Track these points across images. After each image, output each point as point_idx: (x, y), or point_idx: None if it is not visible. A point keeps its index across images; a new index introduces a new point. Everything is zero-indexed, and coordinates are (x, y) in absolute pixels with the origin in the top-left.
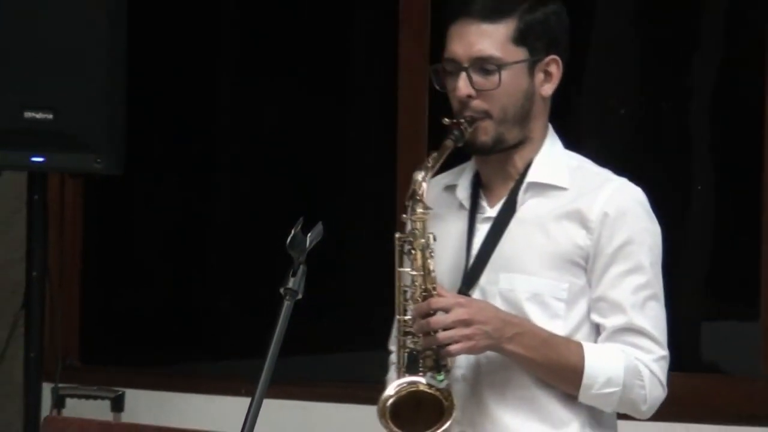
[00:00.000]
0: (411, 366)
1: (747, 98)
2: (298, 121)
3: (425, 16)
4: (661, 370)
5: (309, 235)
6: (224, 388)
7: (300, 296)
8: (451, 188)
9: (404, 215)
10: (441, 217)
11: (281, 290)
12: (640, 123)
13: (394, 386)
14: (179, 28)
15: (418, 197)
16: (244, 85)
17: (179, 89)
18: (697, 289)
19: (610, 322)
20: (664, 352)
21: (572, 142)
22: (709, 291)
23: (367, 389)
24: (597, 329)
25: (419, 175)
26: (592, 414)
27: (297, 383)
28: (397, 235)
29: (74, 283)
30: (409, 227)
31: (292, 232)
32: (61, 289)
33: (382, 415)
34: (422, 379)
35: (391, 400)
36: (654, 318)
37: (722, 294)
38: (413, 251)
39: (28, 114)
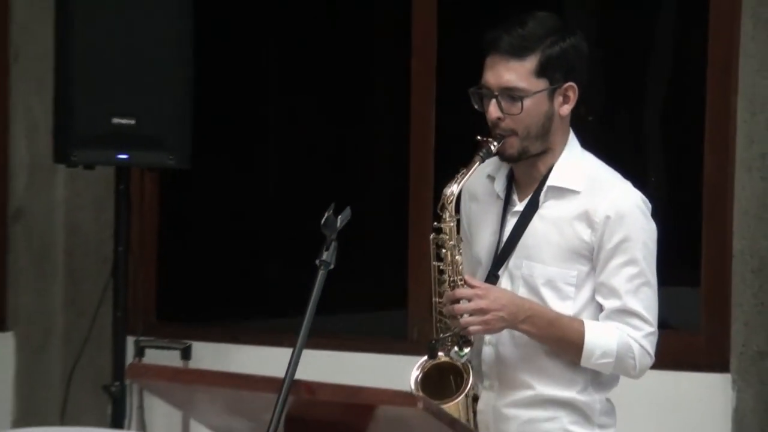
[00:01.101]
0: (431, 354)
1: (690, 107)
2: (331, 128)
3: (433, 47)
4: (649, 343)
5: (339, 216)
6: (272, 340)
7: (332, 266)
8: (491, 178)
9: (435, 223)
10: (482, 201)
11: (317, 261)
12: (605, 127)
13: (420, 365)
14: (232, 44)
15: (447, 207)
16: (286, 94)
17: (234, 97)
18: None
19: (608, 304)
20: (653, 329)
21: None
22: (661, 263)
23: (383, 341)
24: (599, 309)
25: (448, 190)
26: (595, 375)
27: (328, 336)
28: (432, 236)
29: (151, 256)
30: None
31: (326, 214)
32: (141, 261)
33: (415, 386)
34: (443, 355)
35: (419, 374)
36: (645, 301)
37: (671, 265)
38: (444, 250)
39: (114, 120)
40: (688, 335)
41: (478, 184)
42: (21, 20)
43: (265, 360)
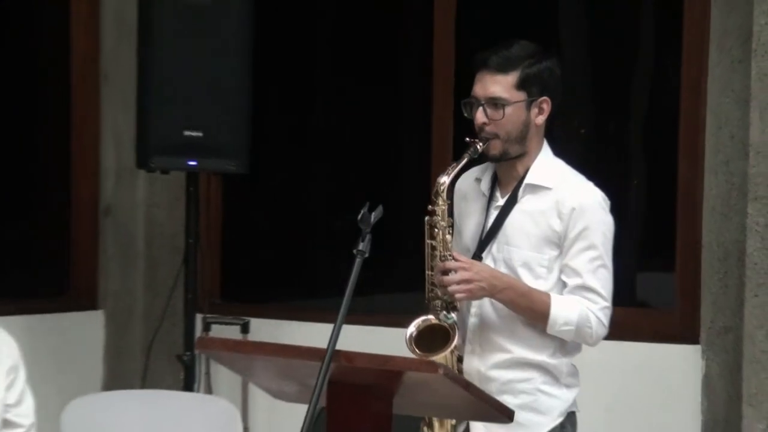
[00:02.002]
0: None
1: (666, 121)
2: (367, 133)
3: (451, 66)
4: (604, 316)
5: (373, 213)
6: (316, 317)
7: (366, 255)
8: (478, 180)
9: (430, 205)
10: (470, 199)
11: (354, 251)
12: (595, 138)
13: (414, 323)
14: (283, 65)
15: (440, 193)
16: (328, 111)
17: (285, 109)
18: (634, 251)
19: (571, 281)
20: (607, 304)
21: (555, 150)
22: (642, 252)
23: (410, 318)
24: (564, 286)
25: (441, 179)
26: (561, 343)
27: (364, 313)
28: (426, 218)
29: (216, 246)
30: (435, 213)
31: (362, 211)
32: (207, 251)
33: (408, 343)
34: (432, 317)
35: (414, 330)
36: (602, 280)
37: (651, 254)
38: (436, 230)
39: (186, 133)
40: (665, 313)
41: (467, 186)
42: (109, 47)
43: (311, 333)
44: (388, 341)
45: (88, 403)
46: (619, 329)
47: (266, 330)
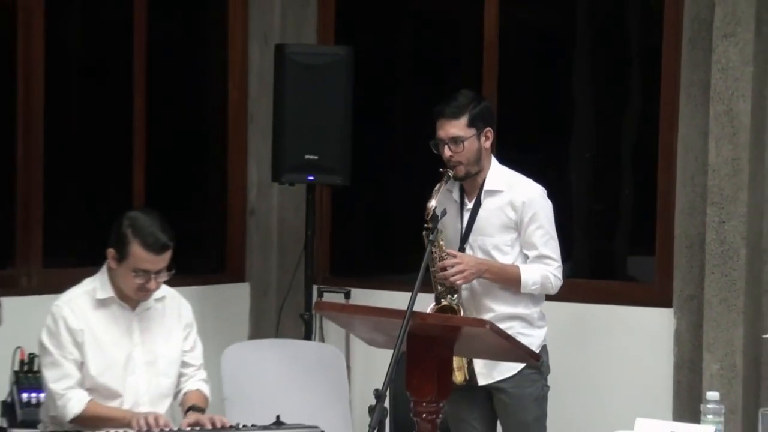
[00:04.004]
0: (438, 299)
1: (649, 147)
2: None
3: (494, 99)
4: (559, 272)
5: (440, 215)
6: (399, 287)
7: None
8: (450, 191)
9: (425, 224)
10: (448, 206)
11: (427, 241)
12: (596, 159)
13: (429, 309)
14: (372, 102)
15: (430, 215)
16: (407, 138)
17: (373, 140)
18: (626, 241)
19: (531, 253)
20: (558, 264)
21: (565, 169)
22: (632, 242)
23: None
24: (526, 257)
25: (429, 204)
26: (531, 298)
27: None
28: (424, 233)
29: (327, 237)
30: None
31: (431, 213)
32: (321, 240)
33: None
34: (444, 300)
35: (433, 311)
36: (552, 248)
37: (638, 243)
38: (434, 239)
39: (306, 156)
40: (647, 285)
41: (445, 197)
42: (254, 96)
43: (395, 299)
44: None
45: (239, 349)
46: (614, 297)
47: (362, 296)
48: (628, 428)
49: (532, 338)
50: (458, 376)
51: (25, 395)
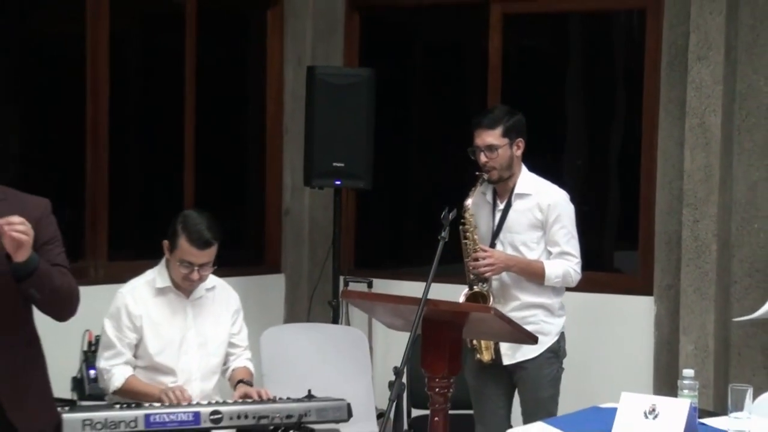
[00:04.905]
0: (470, 285)
1: (633, 156)
2: (443, 165)
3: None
4: (579, 267)
5: (450, 214)
6: (414, 277)
7: (446, 240)
8: (484, 194)
9: (462, 219)
10: (481, 207)
11: (438, 237)
12: (587, 167)
13: (463, 294)
14: (391, 116)
15: (467, 210)
16: (423, 150)
17: (391, 150)
18: (613, 237)
19: (554, 250)
20: (578, 260)
21: (559, 175)
22: (618, 238)
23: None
24: (549, 253)
25: (466, 202)
26: (553, 290)
27: (442, 275)
28: (460, 228)
29: (351, 234)
30: (466, 222)
31: (443, 212)
32: (346, 236)
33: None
34: (476, 287)
35: (463, 299)
36: (573, 246)
37: (624, 239)
38: (468, 233)
39: (334, 164)
40: (631, 276)
41: (480, 200)
42: (289, 111)
43: (411, 288)
44: (460, 293)
45: (275, 332)
46: (603, 287)
47: (383, 286)
48: (614, 401)
49: (552, 326)
50: (486, 356)
51: (92, 372)
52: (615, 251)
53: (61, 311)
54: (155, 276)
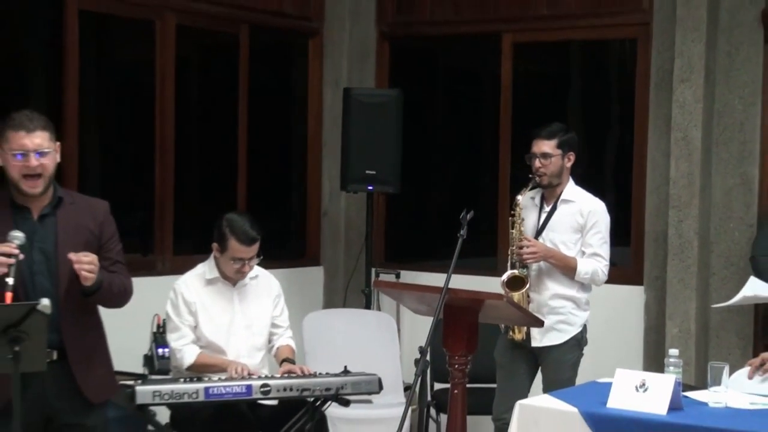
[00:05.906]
0: (513, 267)
1: (626, 163)
2: (467, 172)
3: (509, 130)
4: (606, 268)
5: (468, 214)
6: (437, 269)
7: (464, 237)
8: (533, 198)
9: (512, 211)
10: (529, 209)
11: (458, 235)
12: (586, 174)
13: (506, 274)
14: (416, 131)
15: (517, 204)
16: (444, 159)
17: (416, 159)
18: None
19: (587, 251)
20: (607, 262)
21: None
22: (615, 236)
23: (484, 271)
24: (584, 254)
25: (517, 197)
26: (581, 285)
27: (462, 267)
28: (510, 219)
29: (381, 232)
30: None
31: (462, 212)
32: (377, 234)
33: (502, 285)
34: (516, 271)
35: (506, 279)
36: (605, 250)
37: (619, 236)
38: (515, 224)
39: (366, 171)
40: (624, 269)
41: (528, 202)
42: (327, 126)
43: (434, 279)
44: (476, 283)
45: (315, 316)
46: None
47: (409, 276)
48: (610, 376)
49: (578, 318)
50: (517, 335)
51: (160, 350)
52: (610, 247)
53: (116, 306)
54: (205, 269)
